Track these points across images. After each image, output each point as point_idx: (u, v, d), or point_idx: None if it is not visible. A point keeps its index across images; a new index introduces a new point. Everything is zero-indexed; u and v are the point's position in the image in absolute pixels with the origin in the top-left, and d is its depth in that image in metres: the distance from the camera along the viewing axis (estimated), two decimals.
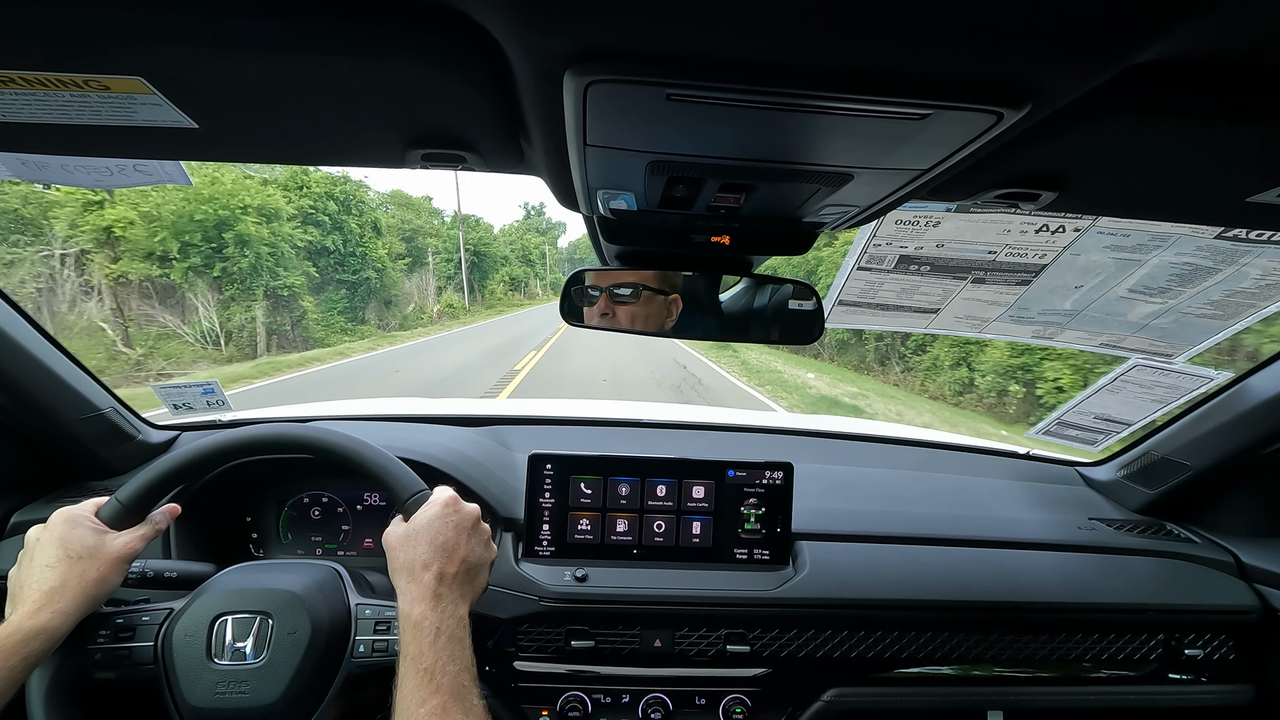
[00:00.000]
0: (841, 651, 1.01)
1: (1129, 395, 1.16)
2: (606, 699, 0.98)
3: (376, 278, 21.87)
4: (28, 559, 0.70)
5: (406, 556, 0.71)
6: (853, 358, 14.19)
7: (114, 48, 0.38)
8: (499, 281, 45.94)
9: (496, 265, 44.55)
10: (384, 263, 22.43)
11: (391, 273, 23.49)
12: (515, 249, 58.30)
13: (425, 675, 0.62)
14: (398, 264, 27.26)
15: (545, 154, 0.52)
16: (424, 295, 29.23)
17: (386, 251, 23.49)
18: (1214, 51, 0.36)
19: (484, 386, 8.92)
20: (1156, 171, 0.53)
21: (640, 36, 0.33)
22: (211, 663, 0.72)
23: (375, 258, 21.84)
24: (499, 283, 45.70)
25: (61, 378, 1.01)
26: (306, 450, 0.81)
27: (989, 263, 0.92)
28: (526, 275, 56.28)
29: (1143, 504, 1.25)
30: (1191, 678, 1.06)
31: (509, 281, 48.86)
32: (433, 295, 30.33)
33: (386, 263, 22.65)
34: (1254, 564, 1.11)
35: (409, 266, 29.23)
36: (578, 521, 1.05)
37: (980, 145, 0.42)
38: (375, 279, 21.80)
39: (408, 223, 31.85)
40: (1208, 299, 0.92)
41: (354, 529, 1.17)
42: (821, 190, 0.54)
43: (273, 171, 17.66)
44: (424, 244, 33.31)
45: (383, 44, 0.38)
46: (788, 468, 1.07)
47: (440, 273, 33.71)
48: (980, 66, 0.34)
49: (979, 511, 1.21)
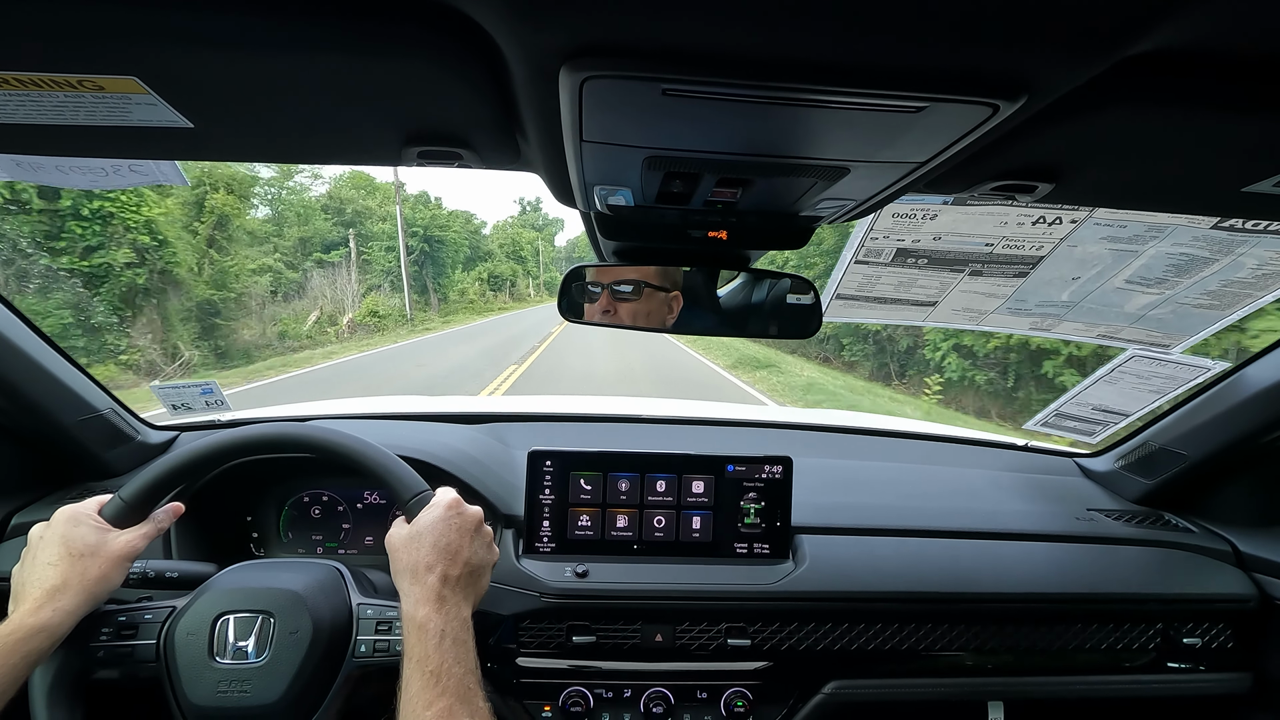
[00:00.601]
0: (842, 644, 1.01)
1: (1126, 386, 1.16)
2: (608, 694, 0.99)
3: (149, 267, 11.57)
4: (30, 557, 0.70)
5: (410, 558, 0.71)
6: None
7: (108, 47, 0.38)
8: (475, 279, 36.34)
9: (457, 256, 32.74)
10: (166, 238, 11.91)
11: (233, 268, 14.36)
12: (504, 243, 51.74)
13: (431, 678, 0.63)
14: (331, 255, 21.24)
15: (541, 150, 0.52)
16: (343, 298, 20.96)
17: (205, 226, 13.54)
18: (1209, 42, 0.36)
19: None
20: (1152, 162, 0.53)
21: (635, 32, 0.33)
22: (213, 661, 0.72)
23: (142, 227, 11.31)
24: (474, 280, 36.15)
25: (59, 379, 1.01)
26: (309, 450, 0.81)
27: (986, 255, 0.92)
28: (514, 273, 47.75)
29: (1141, 494, 1.25)
30: (1190, 666, 1.06)
31: (488, 280, 39.96)
32: (353, 298, 21.33)
33: (172, 240, 12.12)
34: (1252, 553, 1.11)
35: (341, 260, 22.50)
36: (578, 518, 1.05)
37: (976, 137, 0.42)
38: (145, 271, 11.49)
39: (350, 202, 25.42)
40: (1204, 289, 0.92)
41: (354, 527, 1.17)
42: (818, 184, 0.54)
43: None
44: (372, 230, 26.24)
45: (378, 41, 0.38)
46: (787, 462, 1.07)
47: (380, 265, 25.67)
48: (976, 59, 0.34)
49: (978, 503, 1.21)
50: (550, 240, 72.15)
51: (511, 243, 54.33)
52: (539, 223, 70.66)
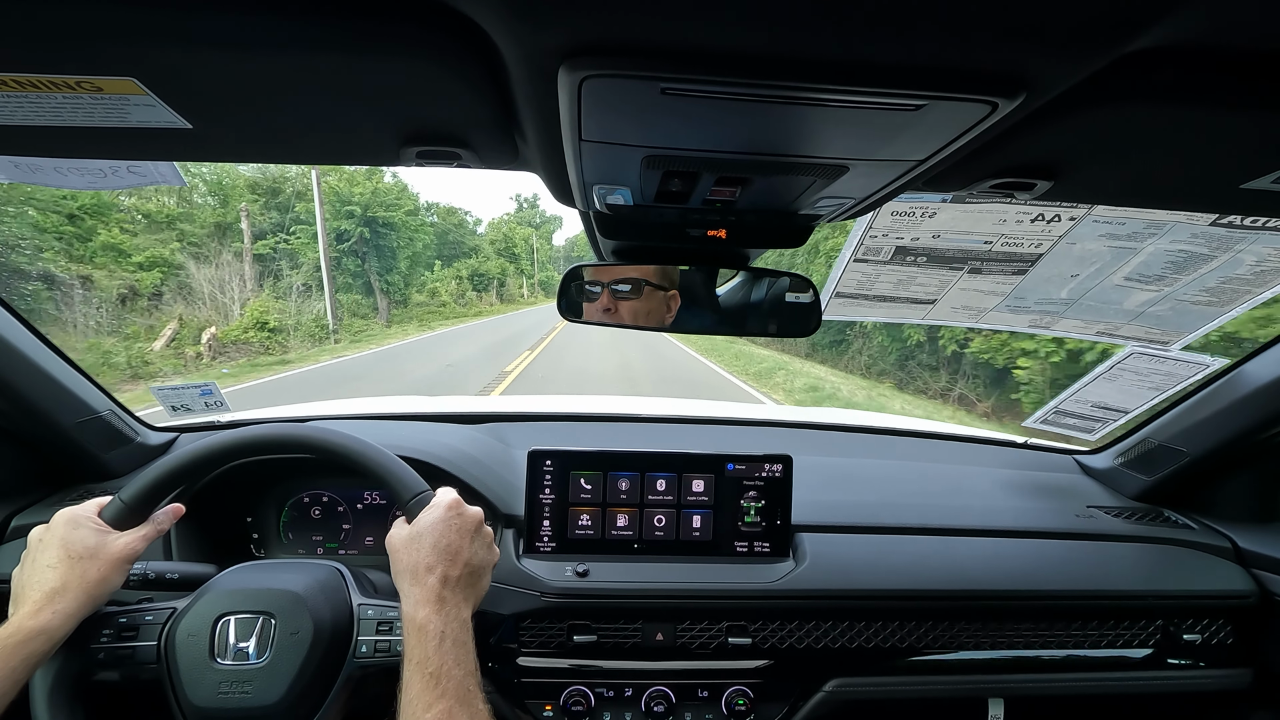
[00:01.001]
0: (843, 642, 1.01)
1: (1126, 383, 1.17)
2: (609, 693, 0.99)
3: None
4: (30, 559, 0.70)
5: (410, 559, 0.71)
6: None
7: (106, 48, 0.38)
8: (453, 276, 28.74)
9: (412, 245, 24.91)
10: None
11: None
12: (495, 239, 46.69)
13: (431, 680, 0.63)
14: (259, 246, 15.51)
15: (540, 150, 0.52)
16: (230, 301, 15.68)
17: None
18: (1207, 39, 0.36)
19: None
20: (1151, 159, 0.53)
21: (634, 31, 0.33)
22: (214, 663, 0.72)
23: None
24: (452, 277, 28.43)
25: (58, 380, 1.00)
26: (309, 450, 0.81)
27: (985, 253, 0.92)
28: (503, 270, 41.58)
29: (1140, 491, 1.26)
30: (1190, 663, 1.06)
31: (470, 278, 33.07)
32: (237, 304, 15.74)
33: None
34: (1251, 549, 1.12)
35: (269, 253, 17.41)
36: (578, 517, 1.05)
37: (975, 135, 0.42)
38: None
39: (288, 181, 19.72)
40: (1203, 286, 0.92)
41: (354, 528, 1.17)
42: (817, 182, 0.54)
43: None
44: (308, 212, 19.70)
45: (376, 41, 0.38)
46: (787, 460, 1.07)
47: (308, 257, 19.19)
48: (974, 57, 0.34)
49: (978, 501, 1.21)
50: (548, 238, 68.23)
51: (504, 239, 49.42)
52: (536, 219, 67.58)
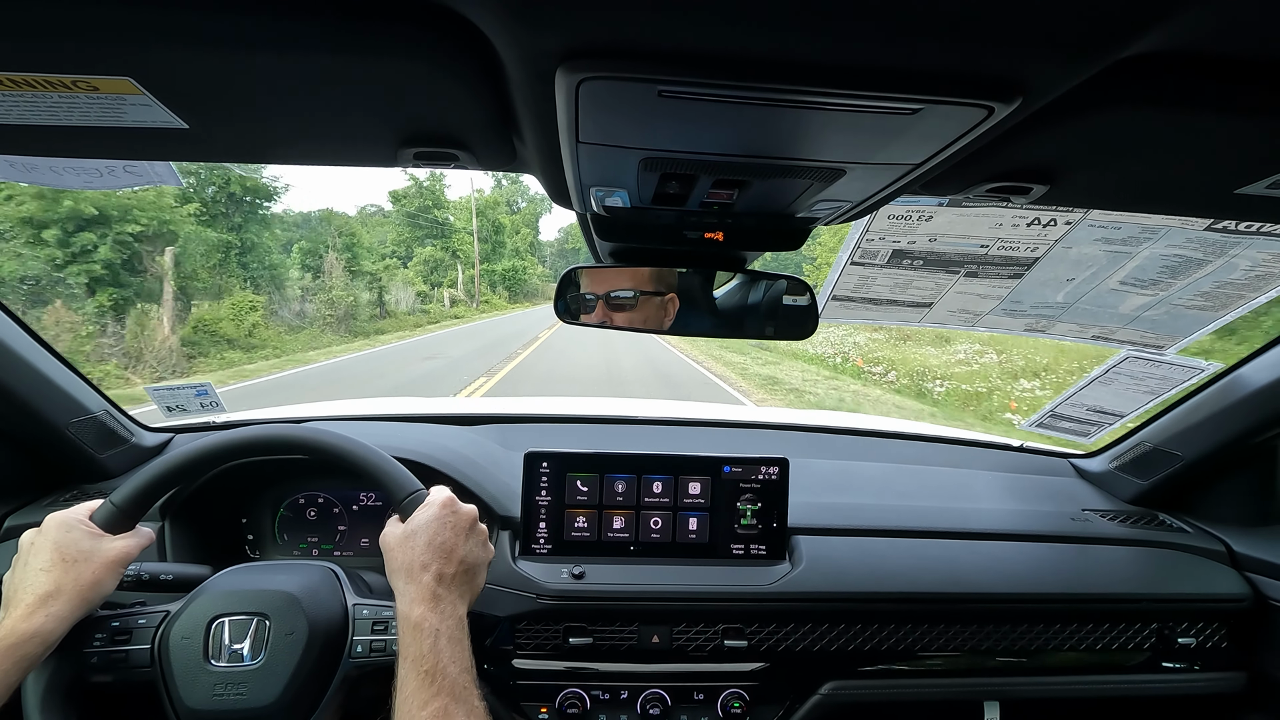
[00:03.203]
0: (839, 645, 1.01)
1: (1121, 387, 1.17)
2: (605, 695, 0.98)
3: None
4: (22, 563, 0.69)
5: (404, 557, 0.71)
6: None
7: (102, 47, 0.38)
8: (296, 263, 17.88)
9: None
10: None
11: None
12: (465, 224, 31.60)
13: (426, 677, 0.63)
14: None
15: (538, 151, 0.52)
16: None
17: None
18: (1203, 45, 0.36)
19: None
20: (1146, 164, 0.53)
21: (632, 33, 0.33)
22: (209, 664, 0.71)
23: None
24: (295, 264, 17.86)
25: (53, 381, 1.00)
26: (303, 451, 0.81)
27: (981, 257, 0.93)
28: (436, 260, 27.58)
29: (1135, 495, 1.26)
30: (1184, 666, 1.07)
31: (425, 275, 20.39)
32: None
33: None
34: (1245, 553, 1.12)
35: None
36: (574, 519, 1.05)
37: (971, 139, 0.42)
38: None
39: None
40: (1198, 290, 0.92)
41: (350, 529, 1.17)
42: (814, 185, 0.54)
43: None
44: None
45: (373, 42, 0.38)
46: (783, 463, 1.07)
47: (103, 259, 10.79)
48: (971, 61, 0.34)
49: (973, 504, 1.21)
50: (534, 225, 51.14)
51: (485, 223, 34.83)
52: (514, 200, 49.73)
